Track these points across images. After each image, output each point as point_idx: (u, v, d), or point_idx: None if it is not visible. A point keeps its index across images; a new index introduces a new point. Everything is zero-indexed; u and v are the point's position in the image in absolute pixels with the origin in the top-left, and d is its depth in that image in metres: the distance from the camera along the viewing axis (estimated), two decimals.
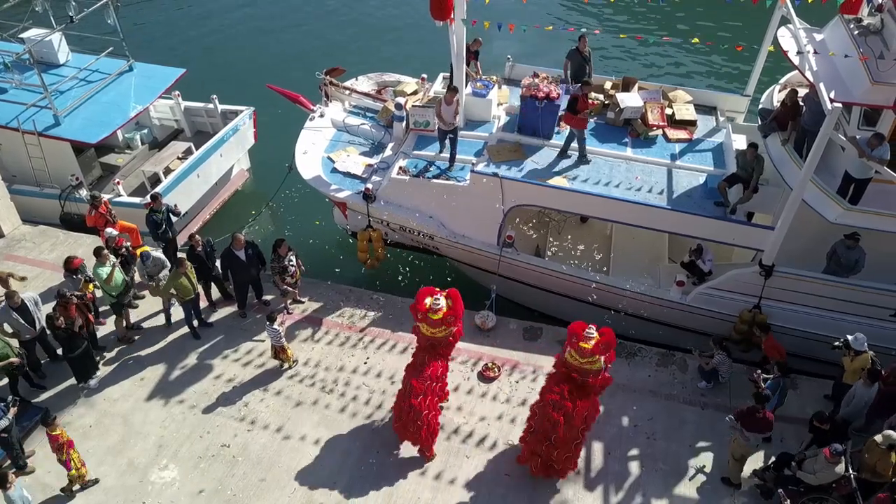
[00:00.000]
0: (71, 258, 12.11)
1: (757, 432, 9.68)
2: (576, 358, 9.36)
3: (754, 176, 11.79)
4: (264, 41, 24.36)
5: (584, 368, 9.37)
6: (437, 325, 9.85)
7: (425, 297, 9.99)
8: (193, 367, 12.09)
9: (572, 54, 13.95)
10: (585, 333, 9.36)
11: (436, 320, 9.82)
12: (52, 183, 15.47)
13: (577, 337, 9.40)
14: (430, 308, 9.85)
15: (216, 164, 16.52)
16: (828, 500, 9.31)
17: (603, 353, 9.35)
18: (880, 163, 10.51)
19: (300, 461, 10.64)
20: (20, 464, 10.36)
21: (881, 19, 11.25)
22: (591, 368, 9.36)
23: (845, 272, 11.44)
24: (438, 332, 9.91)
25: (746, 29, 22.15)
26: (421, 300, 9.98)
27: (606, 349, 9.37)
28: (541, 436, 9.83)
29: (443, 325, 9.87)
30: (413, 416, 10.00)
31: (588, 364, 9.33)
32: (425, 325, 9.91)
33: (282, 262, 12.30)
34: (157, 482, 10.39)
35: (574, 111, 12.51)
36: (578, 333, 9.41)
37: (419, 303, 9.96)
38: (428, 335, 9.96)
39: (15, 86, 15.81)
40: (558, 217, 14.54)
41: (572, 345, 9.41)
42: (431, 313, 9.83)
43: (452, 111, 12.60)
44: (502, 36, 13.30)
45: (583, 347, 9.30)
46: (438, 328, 9.87)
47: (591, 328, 9.39)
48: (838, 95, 10.40)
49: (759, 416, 9.58)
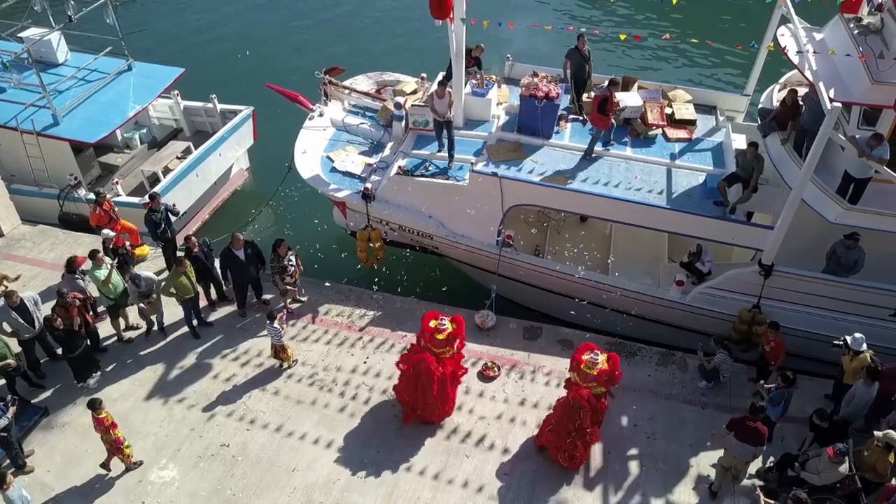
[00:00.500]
0: (74, 257, 12.08)
1: (748, 443, 9.35)
2: (578, 382, 10.01)
3: (754, 175, 11.78)
4: (264, 41, 24.36)
5: (589, 388, 9.92)
6: (441, 345, 10.36)
7: (430, 321, 10.51)
8: (193, 367, 12.08)
9: (571, 53, 13.94)
10: (590, 359, 9.91)
11: (441, 340, 10.33)
12: (50, 183, 15.46)
13: (579, 362, 10.03)
14: (436, 329, 10.37)
15: (215, 164, 16.52)
16: (831, 499, 9.28)
17: (606, 385, 9.95)
18: (880, 162, 10.50)
19: (299, 460, 10.64)
20: (19, 463, 10.35)
21: (881, 19, 11.26)
22: (596, 392, 9.91)
23: (845, 272, 11.44)
24: (443, 354, 10.47)
25: (746, 28, 22.11)
26: (426, 323, 10.51)
27: (610, 381, 9.98)
28: (562, 430, 10.08)
29: (447, 345, 10.41)
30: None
31: (593, 386, 9.90)
32: (430, 346, 10.40)
33: (281, 262, 12.29)
34: (157, 482, 10.38)
35: (604, 112, 12.51)
36: (581, 360, 10.01)
37: (424, 326, 10.49)
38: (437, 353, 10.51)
39: (13, 85, 15.80)
40: (558, 217, 14.54)
41: (575, 369, 10.04)
42: (437, 333, 10.34)
43: (445, 104, 12.72)
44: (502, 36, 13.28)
45: (586, 373, 9.92)
46: (443, 349, 10.40)
47: (595, 355, 9.93)
48: (838, 95, 10.40)
49: (750, 426, 9.27)
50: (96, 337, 12.11)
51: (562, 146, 13.40)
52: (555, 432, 10.19)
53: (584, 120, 14.00)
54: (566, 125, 13.89)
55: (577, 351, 10.18)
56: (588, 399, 9.73)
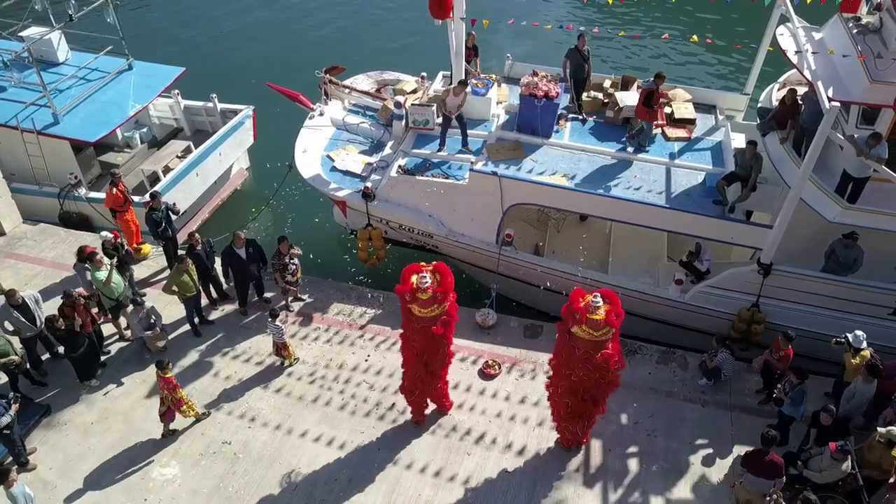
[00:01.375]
0: (84, 247, 12.12)
1: (765, 478, 8.90)
2: (589, 332, 8.82)
3: (753, 174, 11.82)
4: (264, 40, 24.38)
5: (598, 342, 8.90)
6: (427, 304, 9.28)
7: (411, 276, 9.36)
8: (194, 365, 12.12)
9: (571, 53, 13.97)
10: (591, 303, 8.81)
11: (425, 300, 9.23)
12: (50, 182, 15.47)
13: (583, 312, 8.80)
14: (418, 287, 9.23)
15: (215, 164, 16.53)
16: (833, 497, 9.29)
17: (616, 323, 8.82)
18: (879, 161, 10.53)
19: (301, 458, 10.67)
20: (22, 461, 10.37)
21: (880, 18, 11.31)
22: (605, 339, 8.92)
23: (844, 271, 11.49)
24: (431, 312, 9.34)
25: (746, 27, 22.18)
26: (407, 280, 9.35)
27: (619, 318, 8.84)
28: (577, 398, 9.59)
29: (434, 303, 9.30)
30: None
31: (603, 335, 8.86)
32: (416, 307, 9.33)
33: (282, 260, 12.33)
34: (159, 479, 10.41)
35: (650, 105, 12.62)
36: (583, 308, 8.81)
37: (405, 283, 9.32)
38: (421, 316, 9.39)
39: (14, 84, 15.80)
40: (557, 216, 14.58)
41: (582, 320, 8.80)
42: (420, 293, 9.22)
43: (458, 102, 12.90)
44: (501, 35, 13.32)
45: (594, 320, 8.74)
46: (430, 308, 9.31)
47: (595, 296, 8.87)
48: (837, 94, 10.44)
49: (766, 461, 8.83)
50: (100, 336, 12.13)
51: (561, 145, 13.44)
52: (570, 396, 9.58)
53: (584, 119, 14.06)
54: (566, 124, 13.94)
55: (572, 301, 8.99)
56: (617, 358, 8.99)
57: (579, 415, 10.04)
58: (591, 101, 14.17)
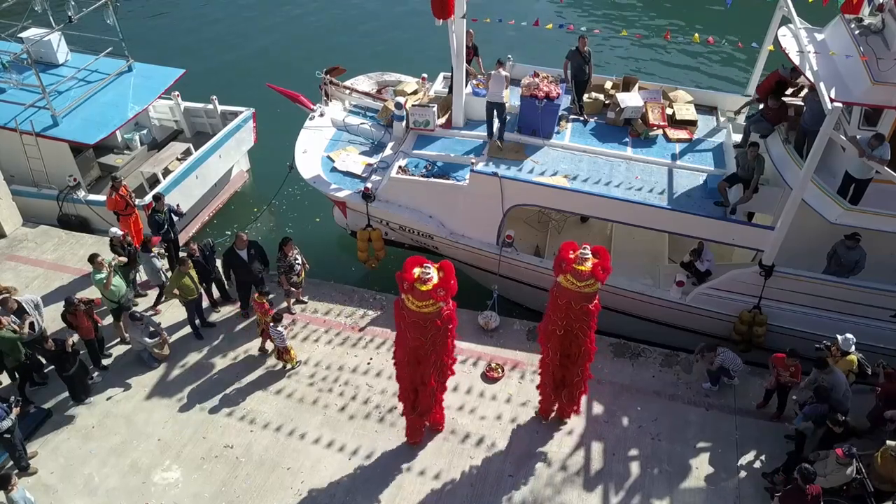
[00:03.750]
0: (149, 237, 12.89)
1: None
2: (573, 282, 8.84)
3: (754, 176, 11.79)
4: (264, 41, 24.33)
5: (582, 293, 8.93)
6: (424, 297, 8.72)
7: (414, 267, 8.88)
8: (196, 368, 12.08)
9: (572, 54, 13.95)
10: (580, 254, 8.82)
11: (423, 292, 8.69)
12: (49, 184, 15.40)
13: (569, 262, 8.89)
14: (419, 278, 8.74)
15: (215, 166, 16.49)
16: (838, 501, 9.22)
17: (602, 277, 8.84)
18: (880, 163, 10.52)
19: (303, 462, 10.64)
20: (22, 465, 10.35)
21: (882, 19, 11.30)
22: (589, 292, 8.92)
23: (846, 272, 11.46)
24: (425, 307, 8.80)
25: (747, 28, 22.09)
26: (409, 269, 8.86)
27: (605, 272, 8.86)
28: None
29: (430, 298, 8.74)
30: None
31: (586, 287, 8.88)
32: (410, 298, 8.81)
33: (287, 261, 12.30)
34: (161, 483, 10.38)
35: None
36: (571, 257, 8.89)
37: (407, 272, 8.82)
38: (413, 310, 8.88)
39: (13, 86, 15.73)
40: (558, 217, 14.55)
41: (567, 269, 8.82)
42: (419, 283, 8.70)
43: (501, 88, 12.85)
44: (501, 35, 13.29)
45: (579, 270, 8.74)
46: (425, 302, 8.77)
47: (584, 248, 8.94)
48: (839, 95, 10.42)
49: (809, 498, 8.51)
50: (102, 344, 12.09)
51: (562, 146, 13.42)
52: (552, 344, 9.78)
53: (585, 120, 14.04)
54: (567, 125, 13.92)
55: (562, 251, 9.03)
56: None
57: (563, 381, 10.34)
58: (592, 103, 14.15)
